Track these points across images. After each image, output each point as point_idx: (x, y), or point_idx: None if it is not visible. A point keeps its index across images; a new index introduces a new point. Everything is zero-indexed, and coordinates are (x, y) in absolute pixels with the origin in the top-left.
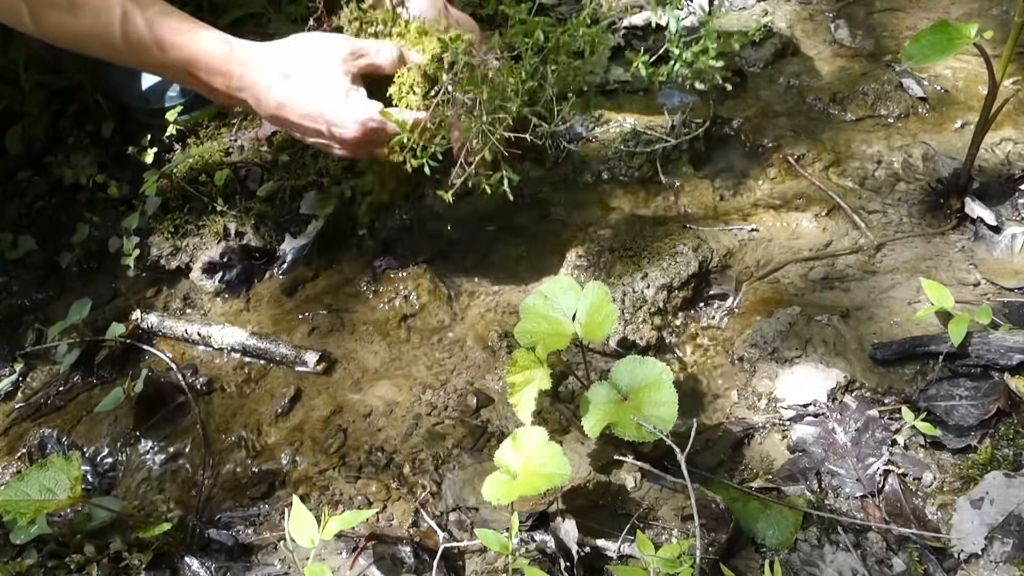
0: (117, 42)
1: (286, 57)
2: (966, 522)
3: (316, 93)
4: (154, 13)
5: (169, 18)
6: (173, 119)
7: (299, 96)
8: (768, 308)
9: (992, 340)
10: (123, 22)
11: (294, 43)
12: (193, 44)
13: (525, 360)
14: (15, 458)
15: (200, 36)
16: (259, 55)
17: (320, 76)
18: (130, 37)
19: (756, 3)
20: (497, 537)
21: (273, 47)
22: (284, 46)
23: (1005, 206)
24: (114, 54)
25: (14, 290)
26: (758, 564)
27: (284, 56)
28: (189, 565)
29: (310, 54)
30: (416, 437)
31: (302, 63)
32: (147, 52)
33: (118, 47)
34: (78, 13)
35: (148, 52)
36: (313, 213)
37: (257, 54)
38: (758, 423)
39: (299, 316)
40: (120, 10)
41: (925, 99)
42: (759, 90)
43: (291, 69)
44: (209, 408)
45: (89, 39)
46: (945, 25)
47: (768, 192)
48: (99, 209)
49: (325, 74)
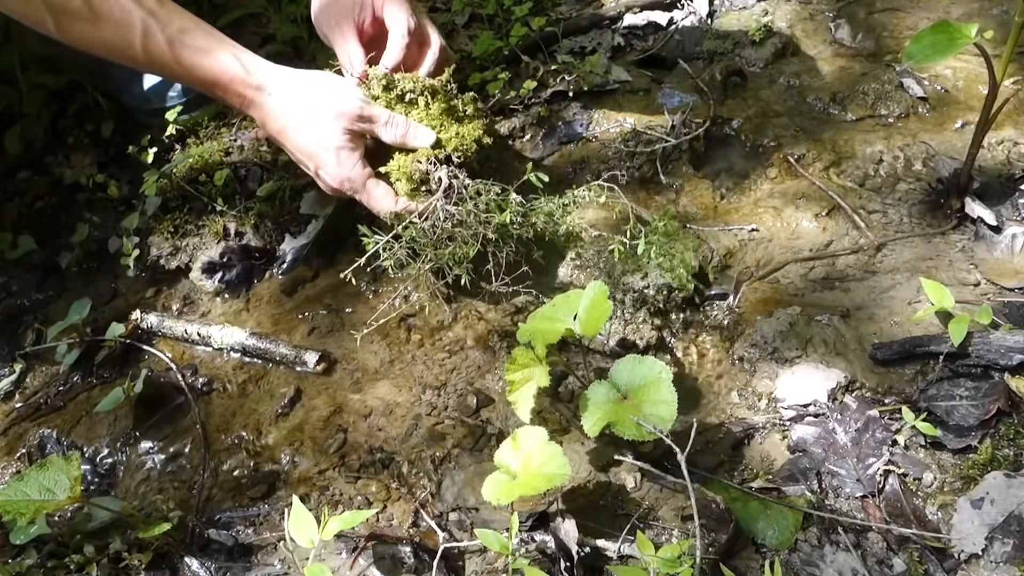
0: (138, 56)
1: (297, 94)
2: (966, 522)
3: (313, 137)
4: (174, 31)
5: (189, 36)
6: (173, 119)
7: (298, 133)
8: (768, 308)
9: (992, 340)
10: (144, 38)
11: (311, 82)
12: (211, 66)
13: (524, 358)
14: (15, 458)
15: (218, 58)
16: (273, 83)
17: (321, 125)
18: (150, 52)
19: (756, 3)
20: (497, 537)
21: (289, 78)
22: (299, 81)
23: (1005, 206)
24: (136, 65)
25: (14, 290)
26: (758, 564)
27: (295, 92)
28: (189, 565)
29: (319, 101)
30: (416, 437)
31: (309, 106)
32: (167, 67)
33: (139, 60)
34: (101, 26)
35: (168, 68)
36: (313, 213)
37: (271, 82)
38: (758, 423)
39: (299, 316)
40: (141, 27)
41: (925, 99)
42: (759, 90)
43: (298, 107)
44: (209, 408)
45: (111, 50)
46: (945, 25)
47: (768, 192)
48: (99, 209)
49: (326, 125)
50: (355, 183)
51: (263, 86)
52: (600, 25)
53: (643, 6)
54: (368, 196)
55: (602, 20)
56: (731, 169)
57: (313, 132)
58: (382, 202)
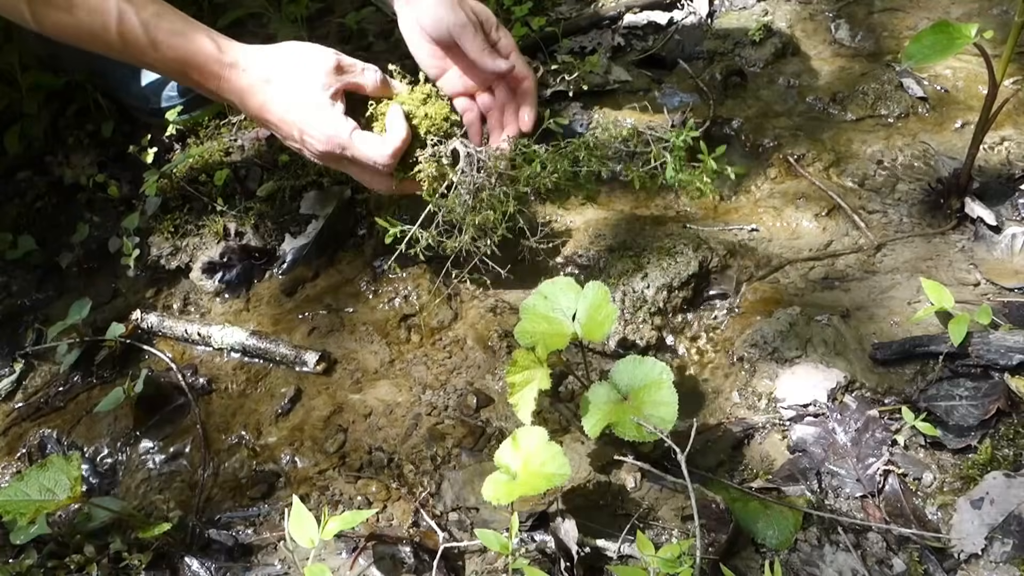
0: (113, 40)
1: (271, 62)
2: (966, 522)
3: (293, 100)
4: (149, 15)
5: (164, 19)
6: (173, 119)
7: (278, 100)
8: (768, 308)
9: (992, 340)
10: (119, 22)
11: (283, 49)
12: (186, 47)
13: (525, 360)
14: (15, 458)
15: (193, 39)
16: (246, 59)
17: (299, 84)
18: (126, 36)
19: (756, 3)
20: (497, 537)
21: (261, 51)
22: (272, 51)
23: (1005, 206)
24: (111, 52)
25: (14, 290)
26: (758, 564)
27: (269, 61)
28: (189, 565)
29: (294, 62)
30: (416, 437)
31: (285, 70)
32: (142, 52)
33: (114, 45)
34: (75, 12)
35: (143, 52)
36: (313, 213)
37: (245, 58)
38: (758, 423)
39: (299, 316)
40: (116, 10)
41: (925, 99)
42: (759, 90)
43: (274, 74)
44: (209, 408)
45: (86, 37)
46: (945, 25)
47: (768, 192)
48: (99, 209)
49: (305, 83)
50: (341, 137)
51: (236, 63)
52: (600, 25)
53: (643, 6)
54: (356, 149)
55: (602, 20)
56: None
57: (292, 94)
58: (373, 149)
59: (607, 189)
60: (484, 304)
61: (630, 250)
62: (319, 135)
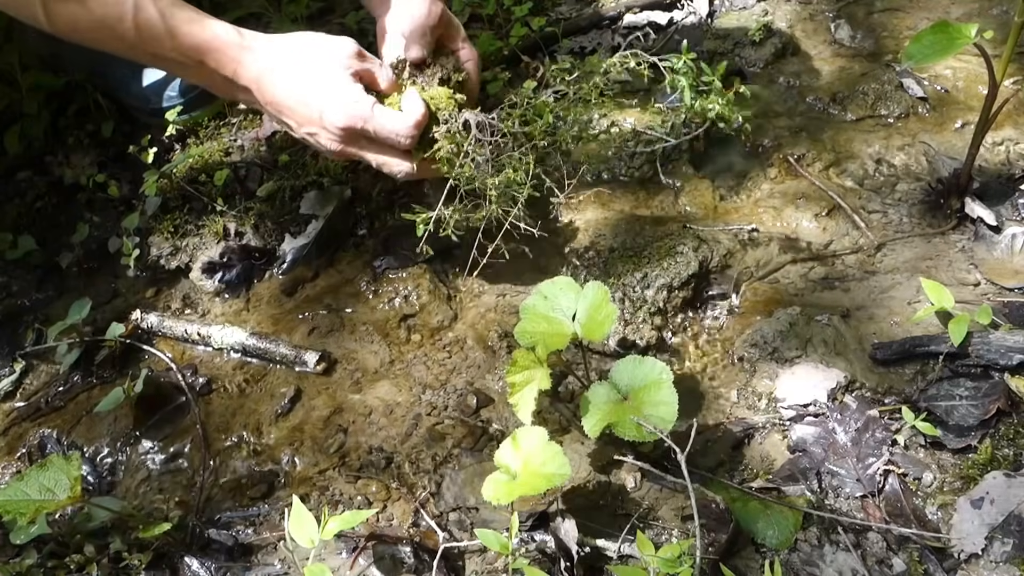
0: (129, 32)
1: (292, 46)
2: (966, 522)
3: (314, 78)
4: (165, 4)
5: (180, 8)
6: (173, 119)
7: (298, 80)
8: (768, 308)
9: (992, 340)
10: (136, 11)
11: (302, 35)
12: (205, 32)
13: (525, 360)
14: (15, 458)
15: (210, 26)
16: (266, 43)
17: (321, 64)
18: (142, 26)
19: (756, 3)
20: (497, 537)
21: (280, 37)
22: (291, 37)
23: (1005, 206)
24: (123, 46)
25: (14, 290)
26: (758, 564)
27: (289, 45)
28: (189, 565)
29: (316, 44)
30: (416, 437)
31: (306, 51)
32: (158, 41)
33: (129, 38)
34: (90, 4)
35: (159, 41)
36: (313, 213)
37: (264, 42)
38: (758, 423)
39: (299, 316)
40: (132, 1)
41: (925, 99)
42: (759, 90)
43: (295, 57)
44: (209, 408)
45: (101, 30)
46: (945, 25)
47: (768, 192)
48: (99, 209)
49: (327, 63)
50: (363, 110)
51: (255, 47)
52: (600, 25)
53: (643, 6)
54: (377, 122)
55: (602, 20)
56: (731, 169)
57: (313, 73)
58: (396, 122)
59: (607, 189)
60: (484, 304)
61: (630, 250)
62: (340, 110)
